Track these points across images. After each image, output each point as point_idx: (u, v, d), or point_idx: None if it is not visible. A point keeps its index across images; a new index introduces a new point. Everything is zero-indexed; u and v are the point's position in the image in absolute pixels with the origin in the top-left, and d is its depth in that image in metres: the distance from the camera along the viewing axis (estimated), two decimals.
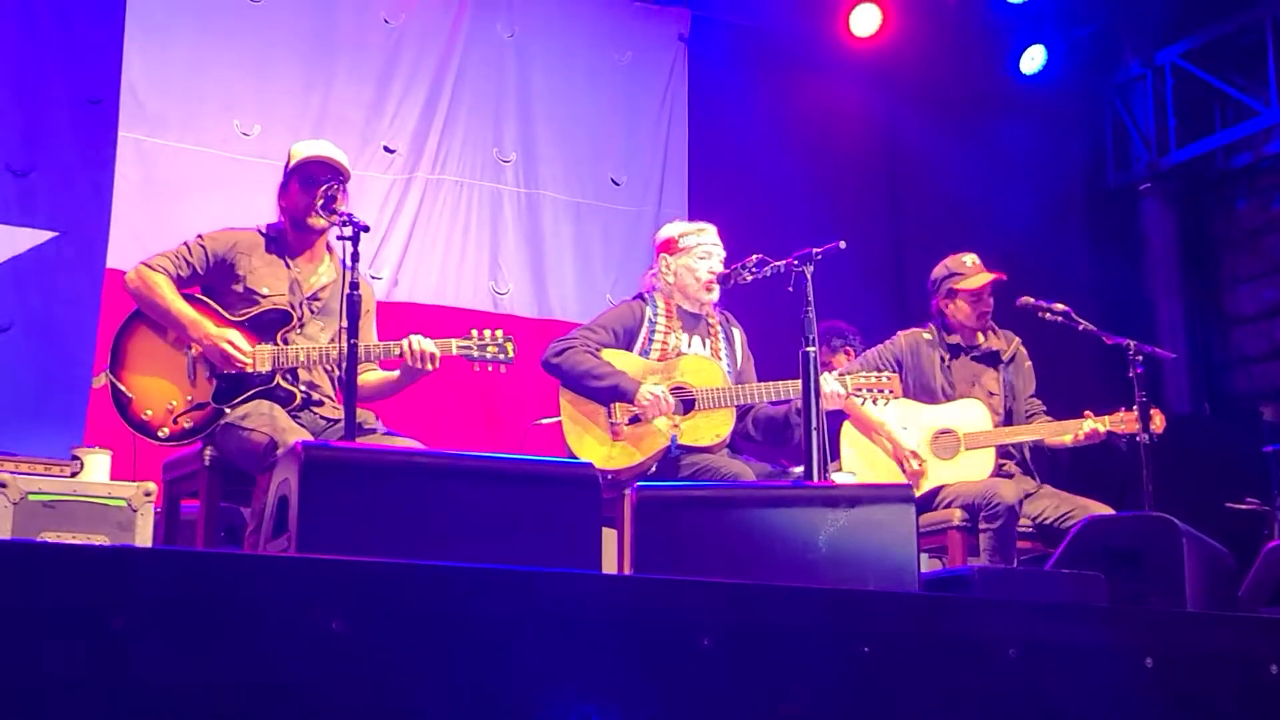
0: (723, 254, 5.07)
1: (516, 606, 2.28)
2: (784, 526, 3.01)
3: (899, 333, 5.57)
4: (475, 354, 4.37)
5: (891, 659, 2.52)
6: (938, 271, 5.57)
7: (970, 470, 5.19)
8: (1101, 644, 2.72)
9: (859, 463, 5.35)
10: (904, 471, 5.22)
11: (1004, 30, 9.01)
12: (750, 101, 8.43)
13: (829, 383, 4.87)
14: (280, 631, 2.11)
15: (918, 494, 5.12)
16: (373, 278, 6.98)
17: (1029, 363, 5.60)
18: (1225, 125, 9.04)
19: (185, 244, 4.45)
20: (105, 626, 1.99)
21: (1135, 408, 5.07)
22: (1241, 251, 9.19)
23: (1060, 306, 5.36)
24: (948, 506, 5.11)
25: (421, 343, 4.32)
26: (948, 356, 5.46)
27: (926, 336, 5.50)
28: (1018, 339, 5.61)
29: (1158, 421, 5.16)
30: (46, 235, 6.44)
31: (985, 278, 5.44)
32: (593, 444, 4.79)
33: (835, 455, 5.33)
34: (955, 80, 8.79)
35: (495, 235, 7.67)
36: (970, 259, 5.51)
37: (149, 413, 4.26)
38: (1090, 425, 5.19)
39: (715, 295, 5.08)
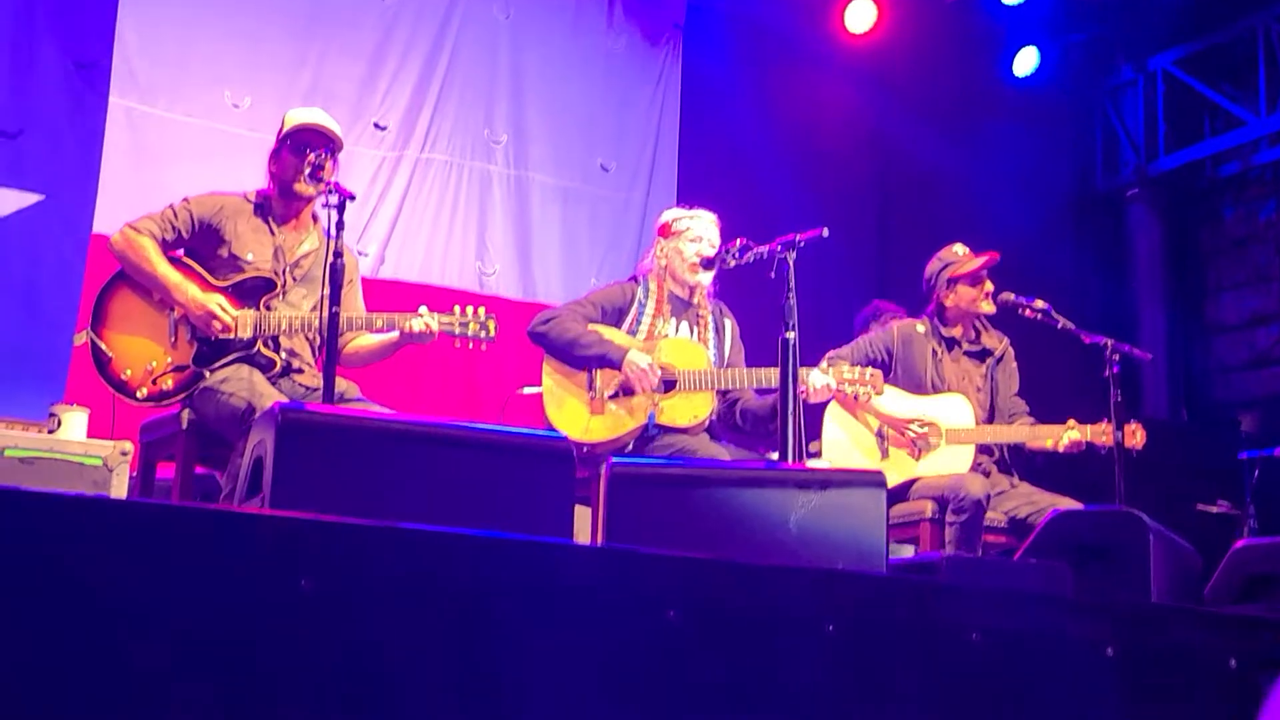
0: (716, 241, 5.08)
1: (484, 572, 2.30)
2: (755, 507, 3.03)
3: (892, 322, 5.61)
4: (457, 330, 4.39)
5: (856, 638, 2.54)
6: (931, 268, 5.61)
7: (948, 464, 5.23)
8: (1063, 632, 2.75)
9: (842, 443, 5.37)
10: (910, 441, 5.25)
11: (998, 32, 9.04)
12: (744, 92, 8.45)
13: (819, 377, 4.91)
14: (249, 587, 2.13)
15: (917, 469, 5.17)
16: (359, 254, 6.99)
17: (1015, 364, 5.65)
18: (1214, 133, 9.09)
19: (171, 207, 4.47)
20: (75, 576, 1.99)
21: (1115, 420, 5.13)
22: (1226, 260, 9.24)
23: (1040, 304, 5.41)
24: (920, 499, 5.15)
25: (424, 322, 4.36)
26: (941, 350, 5.50)
27: (920, 329, 5.54)
28: (1007, 340, 5.66)
29: (1139, 437, 5.23)
30: (33, 198, 6.43)
31: (979, 260, 5.49)
32: (571, 416, 4.81)
33: (815, 436, 5.36)
34: (948, 79, 8.82)
35: (483, 216, 7.68)
36: (959, 248, 5.58)
37: (128, 372, 4.27)
38: (1072, 435, 5.24)
39: (704, 279, 5.08)
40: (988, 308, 5.51)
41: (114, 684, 2.00)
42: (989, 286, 5.50)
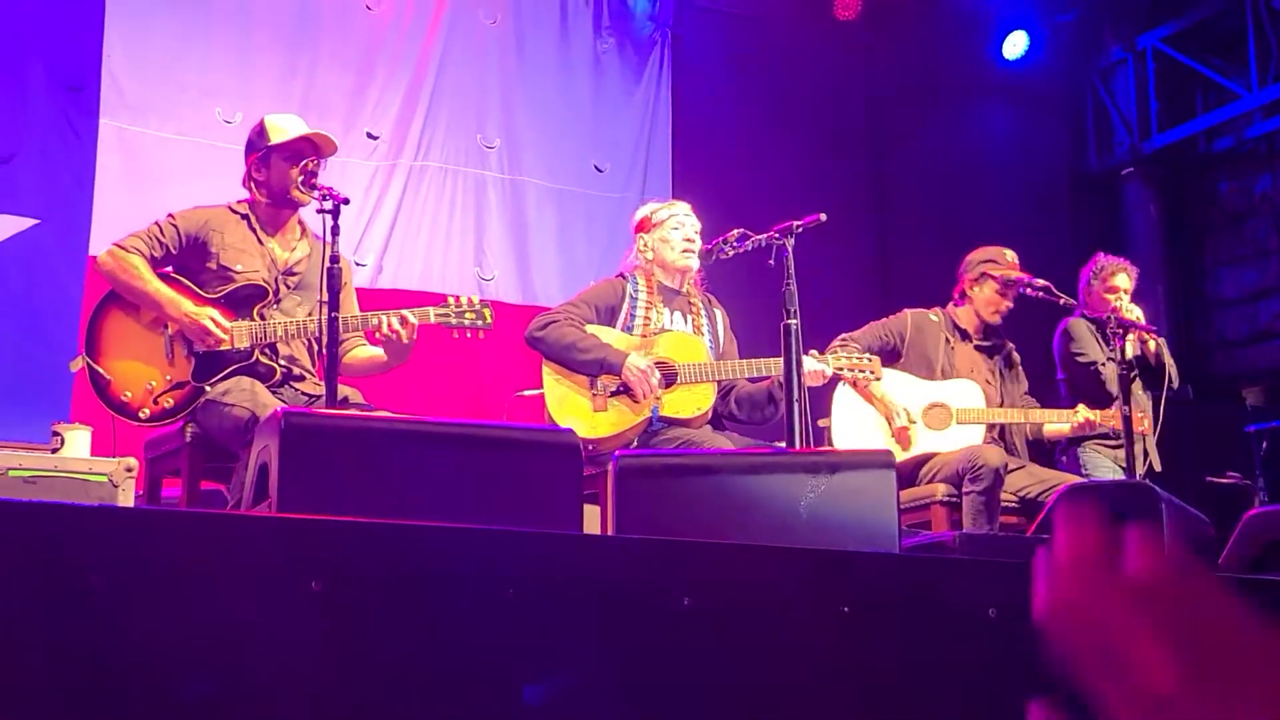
0: (697, 225, 5.11)
1: (495, 566, 2.28)
2: (765, 493, 3.02)
3: (906, 310, 5.63)
4: (453, 321, 4.37)
5: (871, 618, 2.52)
6: (975, 255, 5.65)
7: (959, 442, 5.22)
8: None
9: (851, 424, 5.37)
10: (891, 428, 5.25)
11: (987, 15, 9.03)
12: (734, 87, 8.45)
13: (813, 362, 4.91)
14: (260, 591, 2.11)
15: (905, 456, 5.16)
16: (357, 264, 6.99)
17: (1021, 368, 5.69)
18: (1207, 109, 9.07)
19: (157, 223, 4.46)
20: (85, 584, 1.98)
21: (1123, 392, 5.16)
22: (1223, 235, 9.22)
23: (1041, 282, 5.44)
24: (931, 480, 5.14)
25: (391, 319, 4.27)
26: (955, 339, 5.52)
27: (933, 318, 5.58)
28: (1012, 344, 5.70)
29: (1146, 425, 5.27)
30: (28, 222, 6.42)
31: (1021, 274, 5.51)
32: (574, 415, 4.80)
33: (819, 414, 5.35)
34: (938, 65, 8.81)
35: (480, 221, 7.68)
36: (1010, 254, 5.62)
37: (129, 394, 4.26)
38: (1083, 416, 5.30)
39: (694, 263, 5.08)
40: (995, 319, 5.55)
41: (126, 691, 1.99)
42: (1010, 301, 5.52)
